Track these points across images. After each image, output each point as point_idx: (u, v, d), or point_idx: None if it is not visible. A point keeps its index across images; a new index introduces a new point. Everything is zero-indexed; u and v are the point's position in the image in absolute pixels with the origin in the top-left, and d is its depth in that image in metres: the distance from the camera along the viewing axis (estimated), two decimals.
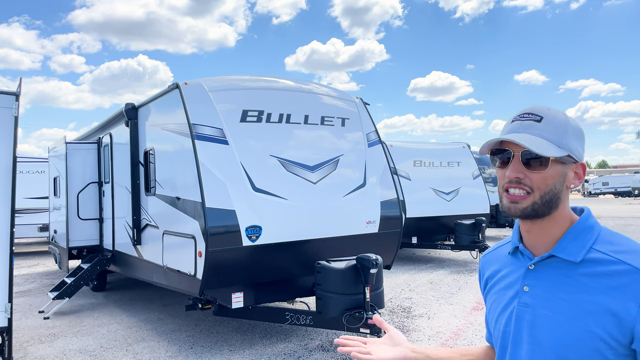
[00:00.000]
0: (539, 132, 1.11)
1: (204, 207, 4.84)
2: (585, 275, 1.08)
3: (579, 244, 1.11)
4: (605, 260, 1.07)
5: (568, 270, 1.10)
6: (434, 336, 5.76)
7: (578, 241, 1.11)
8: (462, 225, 10.43)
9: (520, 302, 1.16)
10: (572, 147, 1.11)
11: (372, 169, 6.09)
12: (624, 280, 1.03)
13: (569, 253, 1.11)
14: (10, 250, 4.53)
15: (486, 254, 1.39)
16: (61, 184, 8.71)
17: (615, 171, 76.23)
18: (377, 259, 4.80)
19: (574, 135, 1.12)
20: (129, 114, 6.62)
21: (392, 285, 8.69)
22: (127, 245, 6.99)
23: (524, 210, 1.11)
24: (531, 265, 1.16)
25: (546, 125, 1.11)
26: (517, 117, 1.15)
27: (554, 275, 1.12)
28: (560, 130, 1.11)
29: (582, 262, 1.09)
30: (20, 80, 4.75)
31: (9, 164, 4.56)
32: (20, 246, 16.12)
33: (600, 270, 1.06)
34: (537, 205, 1.10)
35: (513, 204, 1.12)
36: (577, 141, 1.13)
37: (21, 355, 5.51)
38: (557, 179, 1.11)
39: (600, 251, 1.09)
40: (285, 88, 5.95)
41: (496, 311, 1.24)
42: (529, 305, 1.13)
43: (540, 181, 1.10)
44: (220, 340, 5.80)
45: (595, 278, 1.06)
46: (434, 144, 13.28)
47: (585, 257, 1.09)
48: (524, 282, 1.16)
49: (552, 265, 1.13)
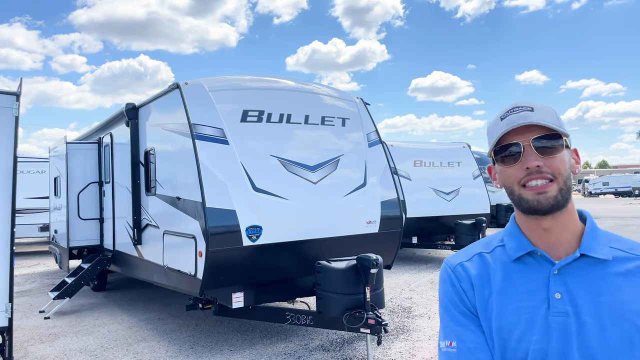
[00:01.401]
0: (537, 118, 1.06)
1: (205, 207, 4.84)
2: (617, 275, 1.03)
3: (601, 242, 1.06)
4: (626, 257, 1.04)
5: (598, 271, 1.04)
6: (435, 336, 5.76)
7: (599, 239, 1.07)
8: (463, 225, 10.43)
9: (556, 311, 1.02)
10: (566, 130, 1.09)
11: (372, 169, 6.09)
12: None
13: (599, 251, 1.04)
14: (11, 250, 4.53)
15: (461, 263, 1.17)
16: (62, 184, 8.72)
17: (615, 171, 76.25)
18: (377, 259, 4.80)
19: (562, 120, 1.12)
20: (130, 114, 6.62)
21: (393, 285, 8.69)
22: (128, 245, 6.99)
23: (555, 199, 1.02)
24: (555, 270, 1.05)
25: (540, 112, 1.08)
26: (508, 112, 1.10)
27: (585, 278, 1.04)
28: (553, 115, 1.09)
29: (611, 261, 1.04)
30: (21, 80, 4.75)
31: (9, 164, 4.56)
32: (20, 246, 16.13)
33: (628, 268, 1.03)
34: (563, 191, 1.03)
35: (541, 195, 1.02)
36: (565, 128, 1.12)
37: (22, 355, 5.51)
38: (568, 163, 1.07)
39: (618, 249, 1.06)
40: (285, 88, 5.95)
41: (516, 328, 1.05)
42: (569, 314, 1.01)
43: (560, 165, 1.03)
44: (220, 340, 5.80)
45: (627, 277, 1.02)
46: (434, 144, 13.28)
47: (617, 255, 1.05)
48: (554, 289, 1.03)
49: (579, 268, 1.04)
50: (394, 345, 5.46)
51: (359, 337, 5.70)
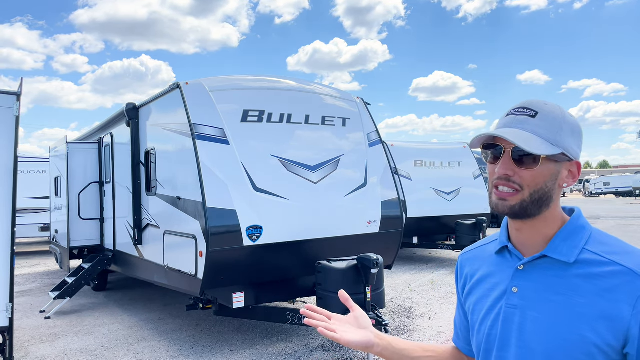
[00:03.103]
0: (532, 127, 1.05)
1: (205, 207, 4.84)
2: (578, 277, 1.03)
3: (571, 244, 1.06)
4: (598, 261, 1.03)
5: (560, 271, 1.05)
6: (435, 336, 5.76)
7: (570, 241, 1.07)
8: (463, 225, 10.42)
9: (508, 303, 1.10)
10: (567, 145, 1.06)
11: (373, 169, 6.09)
12: (617, 281, 0.99)
13: (561, 253, 1.06)
14: (12, 250, 4.53)
15: (465, 252, 1.33)
16: (62, 184, 8.72)
17: (616, 171, 76.21)
18: (378, 259, 4.80)
19: (569, 132, 1.07)
20: (130, 114, 6.63)
21: (393, 285, 8.69)
22: (128, 245, 6.99)
23: (512, 209, 1.06)
24: (520, 266, 1.10)
25: (540, 120, 1.05)
26: (512, 111, 1.10)
27: (545, 276, 1.07)
28: (555, 127, 1.05)
29: (575, 263, 1.04)
30: (22, 80, 4.76)
31: (10, 163, 4.56)
32: (21, 246, 16.13)
33: (594, 271, 1.02)
34: (525, 203, 1.06)
35: (501, 201, 1.08)
36: (573, 138, 1.07)
37: (22, 354, 5.52)
38: (548, 177, 1.06)
39: (592, 252, 1.04)
40: (286, 88, 5.95)
41: (480, 313, 1.18)
42: (518, 307, 1.08)
43: (530, 179, 1.05)
44: (221, 340, 5.80)
45: (589, 280, 1.02)
46: (434, 144, 13.27)
47: (578, 257, 1.05)
48: (513, 283, 1.11)
49: (543, 266, 1.08)
50: None
51: None
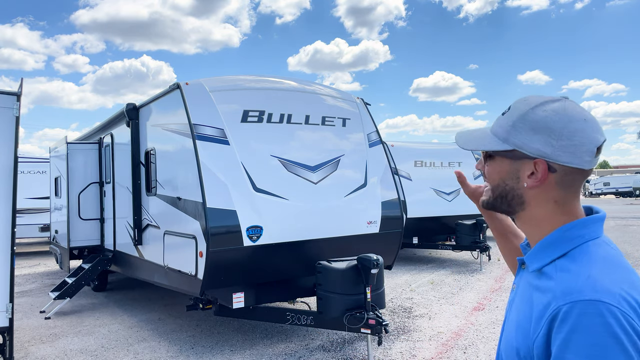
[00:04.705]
0: (495, 124, 1.09)
1: (205, 207, 4.84)
2: (534, 287, 1.02)
3: (544, 254, 1.02)
4: (549, 275, 0.98)
5: (530, 278, 1.05)
6: (435, 336, 5.75)
7: (546, 251, 1.02)
8: (463, 226, 10.42)
9: (509, 299, 1.15)
10: (520, 142, 1.01)
11: (373, 169, 6.09)
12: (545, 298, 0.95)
13: (531, 261, 1.05)
14: (12, 250, 4.53)
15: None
16: (62, 184, 8.72)
17: (616, 171, 76.08)
18: (378, 259, 4.80)
19: (530, 128, 1.00)
20: (130, 114, 6.63)
21: (393, 285, 8.69)
22: (128, 245, 6.99)
23: (486, 203, 1.14)
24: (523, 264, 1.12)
25: (505, 117, 1.06)
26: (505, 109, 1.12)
27: (525, 280, 1.08)
28: (508, 124, 1.04)
29: (539, 273, 1.02)
30: (22, 80, 4.76)
31: (10, 164, 4.57)
32: (21, 246, 16.13)
33: (541, 284, 0.99)
34: (490, 199, 1.12)
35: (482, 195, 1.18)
36: (536, 135, 1.00)
37: (22, 355, 5.51)
38: (504, 174, 1.06)
39: (555, 265, 0.99)
40: (286, 88, 5.95)
41: None
42: (510, 303, 1.13)
43: (488, 175, 1.11)
44: (221, 341, 5.80)
45: (536, 291, 0.99)
46: (435, 144, 13.28)
47: (544, 269, 1.01)
48: (515, 280, 1.15)
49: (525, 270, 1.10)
50: (395, 345, 5.46)
51: (359, 337, 5.69)
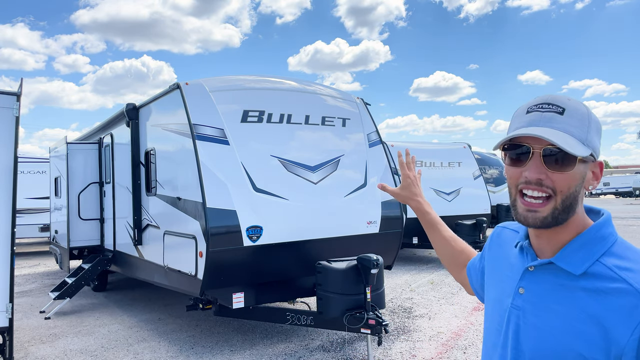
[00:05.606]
0: (562, 126, 0.96)
1: (205, 207, 4.84)
2: (583, 290, 0.95)
3: (583, 255, 0.98)
4: (608, 276, 0.94)
5: (567, 280, 0.98)
6: (435, 336, 5.75)
7: (584, 251, 0.98)
8: (463, 226, 10.42)
9: (513, 303, 1.06)
10: (595, 145, 0.98)
11: (373, 169, 6.09)
12: (621, 301, 0.91)
13: (569, 263, 0.98)
14: (12, 250, 4.53)
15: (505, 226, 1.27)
16: (62, 184, 8.72)
17: (616, 171, 76.08)
18: (377, 259, 4.80)
19: (595, 130, 0.99)
20: (130, 114, 6.62)
21: (393, 285, 8.69)
22: (128, 245, 6.99)
23: (544, 220, 0.98)
24: (531, 267, 1.05)
25: (569, 118, 0.97)
26: (535, 107, 1.01)
27: (551, 283, 1.01)
28: (584, 125, 0.97)
29: (584, 275, 0.97)
30: (22, 80, 4.76)
31: (10, 164, 4.56)
32: (21, 246, 16.13)
33: (600, 286, 0.94)
34: (557, 211, 0.97)
35: (530, 213, 0.99)
36: (598, 137, 1.00)
37: (22, 355, 5.51)
38: (579, 180, 0.98)
39: (605, 265, 0.96)
40: (286, 88, 5.95)
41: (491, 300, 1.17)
42: (520, 309, 1.04)
43: (563, 183, 0.96)
44: (221, 341, 5.80)
45: (593, 294, 0.94)
46: (434, 144, 13.27)
47: (589, 269, 0.96)
48: (521, 283, 1.06)
49: (551, 272, 1.02)
50: (395, 345, 5.46)
51: (359, 337, 5.69)
